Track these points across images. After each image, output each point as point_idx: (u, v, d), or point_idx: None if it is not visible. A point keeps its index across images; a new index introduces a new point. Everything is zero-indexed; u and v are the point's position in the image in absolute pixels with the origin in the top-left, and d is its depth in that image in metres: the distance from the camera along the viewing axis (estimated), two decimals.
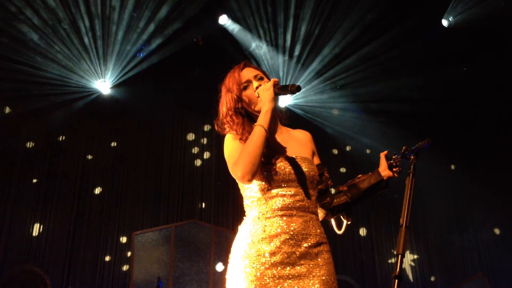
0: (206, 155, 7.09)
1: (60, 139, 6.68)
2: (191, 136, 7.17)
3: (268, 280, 1.77)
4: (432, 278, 7.06)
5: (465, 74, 6.80)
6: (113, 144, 6.86)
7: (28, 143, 6.55)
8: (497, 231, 7.31)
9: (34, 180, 6.39)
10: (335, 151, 7.55)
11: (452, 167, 7.64)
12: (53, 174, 6.46)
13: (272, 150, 1.92)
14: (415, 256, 7.14)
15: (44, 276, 5.54)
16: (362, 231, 7.17)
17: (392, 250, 7.08)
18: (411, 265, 7.06)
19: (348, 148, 7.62)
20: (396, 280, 1.61)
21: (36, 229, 6.18)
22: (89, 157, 6.69)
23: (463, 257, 7.16)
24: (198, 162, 7.05)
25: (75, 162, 6.62)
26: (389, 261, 7.06)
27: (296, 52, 6.61)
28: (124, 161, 6.79)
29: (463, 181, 7.20)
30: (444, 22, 6.47)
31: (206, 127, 7.21)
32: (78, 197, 6.46)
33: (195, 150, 7.12)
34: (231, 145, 1.94)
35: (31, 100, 6.44)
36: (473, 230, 7.27)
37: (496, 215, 7.17)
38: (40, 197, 6.32)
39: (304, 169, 1.92)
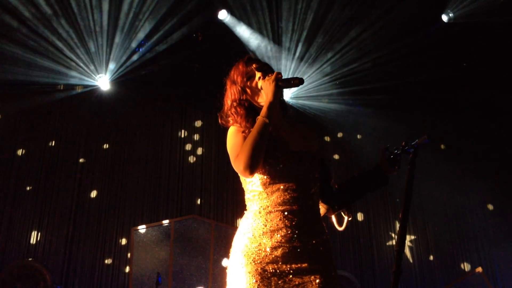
0: (205, 150, 7.08)
1: (52, 144, 6.60)
2: (187, 132, 7.14)
3: (269, 275, 1.78)
4: (431, 257, 7.10)
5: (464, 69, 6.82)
6: (105, 146, 6.81)
7: (20, 150, 6.47)
8: (490, 206, 7.34)
9: (28, 188, 6.33)
10: (327, 138, 7.55)
11: (442, 146, 7.64)
12: (49, 179, 6.40)
13: (275, 143, 1.92)
14: (413, 237, 7.16)
15: (44, 271, 5.54)
16: (360, 216, 7.18)
17: (390, 233, 7.11)
18: (409, 246, 7.08)
19: (339, 135, 7.63)
20: (395, 275, 1.61)
21: (34, 236, 6.14)
22: (81, 160, 6.63)
23: (459, 235, 7.18)
24: (196, 158, 7.04)
25: (70, 163, 6.56)
26: (388, 243, 7.08)
27: (293, 45, 6.61)
28: (121, 160, 6.76)
29: (454, 160, 7.20)
30: (444, 17, 6.46)
31: (198, 123, 7.19)
32: (76, 198, 6.42)
33: (193, 145, 7.10)
34: (233, 138, 1.94)
35: (22, 101, 6.38)
36: (468, 208, 7.29)
37: (489, 191, 7.19)
38: (37, 204, 6.26)
39: (307, 164, 1.93)
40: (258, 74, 2.01)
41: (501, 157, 7.11)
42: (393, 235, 7.13)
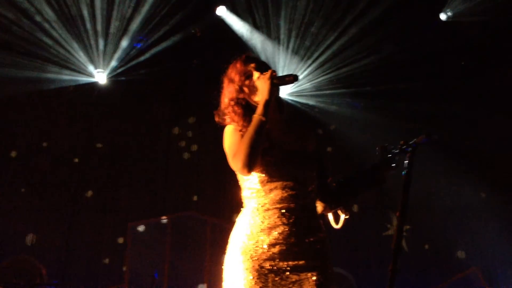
0: (201, 146, 7.06)
1: (46, 144, 6.57)
2: (183, 129, 7.12)
3: (266, 272, 1.79)
4: (426, 246, 7.14)
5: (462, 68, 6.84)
6: (100, 144, 6.78)
7: (12, 152, 6.44)
8: (483, 194, 7.37)
9: (23, 189, 6.32)
10: (320, 131, 7.52)
11: (436, 137, 7.63)
12: (43, 180, 6.39)
13: (272, 142, 1.92)
14: (407, 227, 7.17)
15: (40, 267, 5.54)
16: (355, 208, 7.18)
17: (386, 224, 7.13)
18: (404, 235, 7.08)
19: (332, 127, 7.62)
20: (392, 274, 1.62)
21: (31, 236, 6.12)
22: (76, 160, 6.62)
23: (453, 224, 7.21)
24: (192, 154, 7.03)
25: (64, 164, 6.55)
26: (384, 234, 7.10)
27: (290, 40, 6.62)
28: (116, 158, 6.74)
29: (448, 150, 7.20)
30: (442, 16, 6.47)
31: (192, 119, 7.18)
32: (72, 196, 6.41)
33: (189, 142, 7.09)
34: (231, 137, 1.94)
35: (15, 101, 6.33)
36: (462, 196, 7.30)
37: (483, 180, 7.20)
38: (34, 203, 6.25)
39: (304, 162, 1.93)
40: (256, 74, 2.00)
41: (496, 148, 7.13)
42: (388, 226, 7.15)
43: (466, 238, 7.13)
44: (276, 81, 1.91)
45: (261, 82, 1.93)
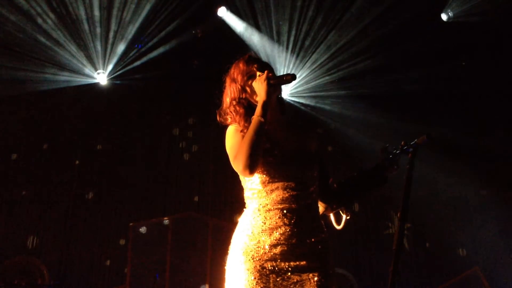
0: (202, 147, 7.06)
1: (46, 146, 6.57)
2: (183, 129, 7.11)
3: (267, 272, 1.79)
4: (427, 244, 7.14)
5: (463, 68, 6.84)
6: (100, 146, 6.79)
7: (13, 155, 6.46)
8: (484, 192, 7.36)
9: (24, 192, 6.32)
10: (320, 131, 7.51)
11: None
12: (44, 182, 6.39)
13: (273, 142, 1.93)
14: (408, 225, 7.16)
15: (42, 268, 5.54)
16: (356, 207, 7.16)
17: (387, 223, 7.12)
18: (405, 234, 7.05)
19: (332, 127, 7.61)
20: (393, 275, 1.62)
21: (31, 238, 6.13)
22: (77, 162, 6.62)
23: (454, 222, 7.21)
24: (193, 155, 7.03)
25: (65, 165, 6.56)
26: (385, 232, 7.09)
27: (290, 40, 6.62)
28: (116, 159, 6.74)
29: (449, 148, 7.20)
30: (443, 16, 6.47)
31: (192, 120, 7.17)
32: (73, 196, 6.43)
33: (190, 143, 7.09)
34: (232, 138, 1.95)
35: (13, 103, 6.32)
36: (463, 194, 7.29)
37: (482, 177, 7.20)
38: (33, 208, 6.25)
39: (306, 162, 1.94)
40: (259, 75, 2.00)
41: (496, 146, 7.12)
42: (390, 224, 7.15)
43: (467, 236, 7.13)
44: (273, 82, 1.92)
45: (258, 83, 1.93)
